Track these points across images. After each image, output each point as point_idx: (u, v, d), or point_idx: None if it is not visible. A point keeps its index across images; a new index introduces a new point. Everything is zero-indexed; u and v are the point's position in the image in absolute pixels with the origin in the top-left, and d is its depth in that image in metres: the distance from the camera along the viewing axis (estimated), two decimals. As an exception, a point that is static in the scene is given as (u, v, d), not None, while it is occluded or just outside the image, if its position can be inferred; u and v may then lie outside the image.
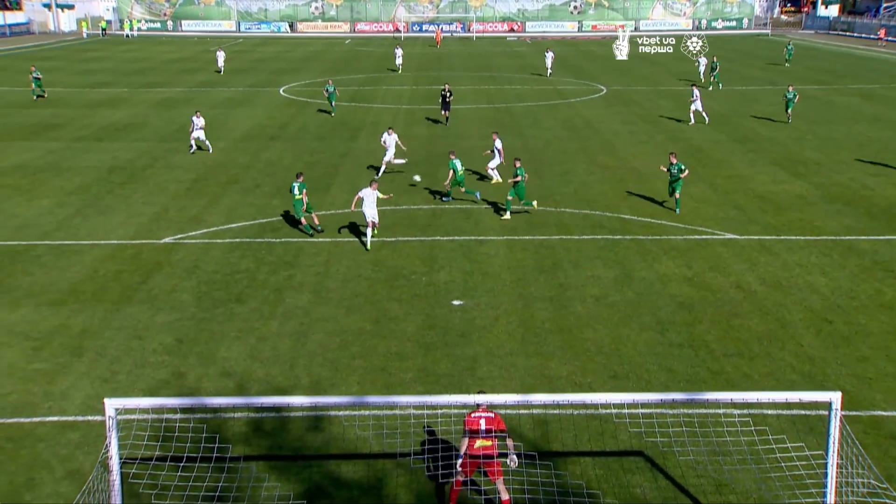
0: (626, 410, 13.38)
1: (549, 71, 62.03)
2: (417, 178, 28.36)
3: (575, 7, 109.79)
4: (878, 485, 10.79)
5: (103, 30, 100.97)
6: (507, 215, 25.11)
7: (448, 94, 39.93)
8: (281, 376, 15.59)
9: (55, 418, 13.89)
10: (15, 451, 12.94)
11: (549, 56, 62.54)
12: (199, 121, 34.29)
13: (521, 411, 13.95)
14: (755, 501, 11.81)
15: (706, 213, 25.93)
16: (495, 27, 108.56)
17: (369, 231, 22.67)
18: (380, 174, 29.63)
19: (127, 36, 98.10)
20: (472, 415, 11.23)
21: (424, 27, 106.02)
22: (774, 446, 12.00)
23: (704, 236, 23.60)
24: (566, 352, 16.48)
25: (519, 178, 24.70)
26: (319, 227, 24.02)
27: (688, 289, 19.70)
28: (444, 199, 27.08)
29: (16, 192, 28.09)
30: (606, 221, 24.94)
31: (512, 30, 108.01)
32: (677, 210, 25.32)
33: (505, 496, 11.30)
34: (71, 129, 39.58)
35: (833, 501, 10.02)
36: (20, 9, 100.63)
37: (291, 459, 12.92)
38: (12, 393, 14.71)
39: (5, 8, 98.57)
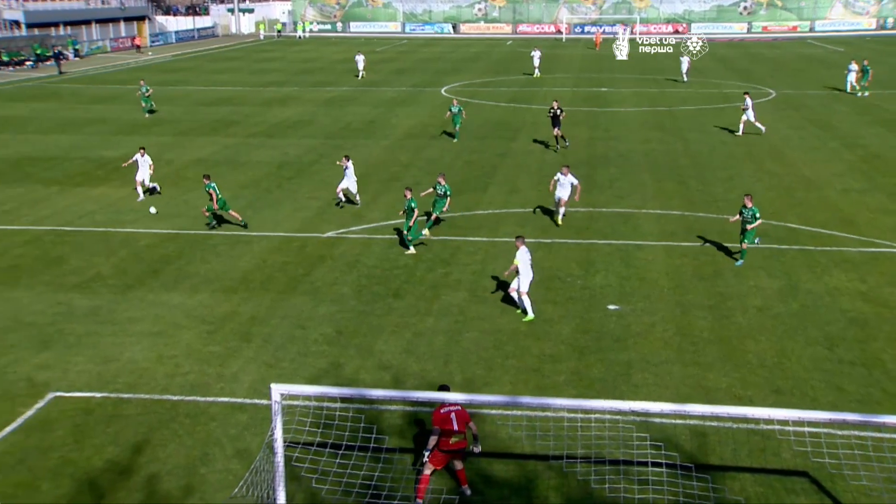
0: (790, 428, 12.72)
1: (537, 72, 60.88)
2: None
3: (745, 7, 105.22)
4: None
5: (279, 31, 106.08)
6: (428, 230, 23.64)
7: (559, 112, 34.75)
8: (435, 372, 15.84)
9: (226, 399, 14.72)
10: (192, 426, 13.82)
11: (537, 55, 61.34)
12: (145, 160, 27.87)
13: (677, 421, 13.55)
14: (933, 536, 10.95)
15: (884, 223, 24.24)
16: (659, 29, 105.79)
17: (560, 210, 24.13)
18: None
19: (299, 37, 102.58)
20: (442, 410, 11.53)
21: (586, 29, 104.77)
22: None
23: (882, 249, 22.08)
24: (725, 363, 15.86)
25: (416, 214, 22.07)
26: (243, 223, 24.75)
27: (861, 304, 18.49)
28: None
29: (196, 184, 29.90)
30: (772, 230, 23.78)
31: (677, 31, 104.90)
32: (739, 261, 21.10)
33: (460, 466, 11.89)
34: (246, 125, 41.80)
35: None
36: (207, 14, 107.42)
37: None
38: (190, 373, 15.72)
39: (195, 14, 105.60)
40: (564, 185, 24.30)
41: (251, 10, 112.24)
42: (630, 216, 25.61)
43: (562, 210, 24.61)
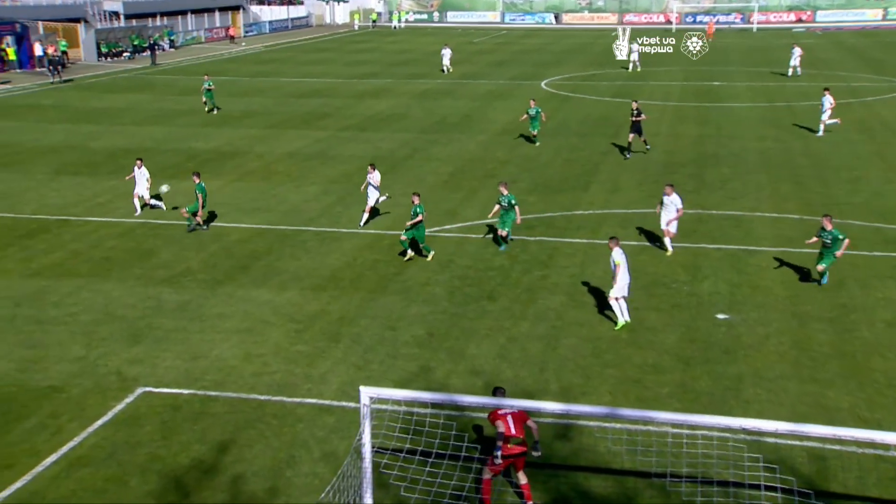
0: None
1: (447, 68, 59.26)
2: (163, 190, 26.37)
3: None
4: None
5: (373, 22, 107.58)
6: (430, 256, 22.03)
7: (636, 114, 32.85)
8: (529, 379, 15.75)
9: (314, 401, 14.98)
10: (279, 427, 14.12)
11: (447, 53, 59.88)
12: (143, 172, 26.46)
13: (793, 442, 13.08)
14: None
15: None
16: (780, 17, 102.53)
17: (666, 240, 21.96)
18: None
19: (394, 27, 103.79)
20: (499, 411, 11.74)
21: (699, 18, 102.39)
22: None
23: None
24: (848, 381, 15.23)
25: (420, 219, 21.61)
26: (204, 227, 24.59)
27: None
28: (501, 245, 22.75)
29: (287, 178, 30.63)
30: (904, 236, 22.74)
31: (800, 20, 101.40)
32: (824, 279, 19.77)
33: (524, 480, 11.90)
34: (338, 118, 42.52)
35: None
36: (302, 3, 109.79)
37: (538, 467, 12.98)
38: (277, 372, 16.07)
39: (290, 3, 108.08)
40: (669, 208, 22.09)
41: (346, 0, 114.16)
42: (742, 219, 24.90)
43: (667, 240, 22.19)
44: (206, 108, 44.18)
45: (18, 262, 22.09)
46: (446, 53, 60.33)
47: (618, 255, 17.54)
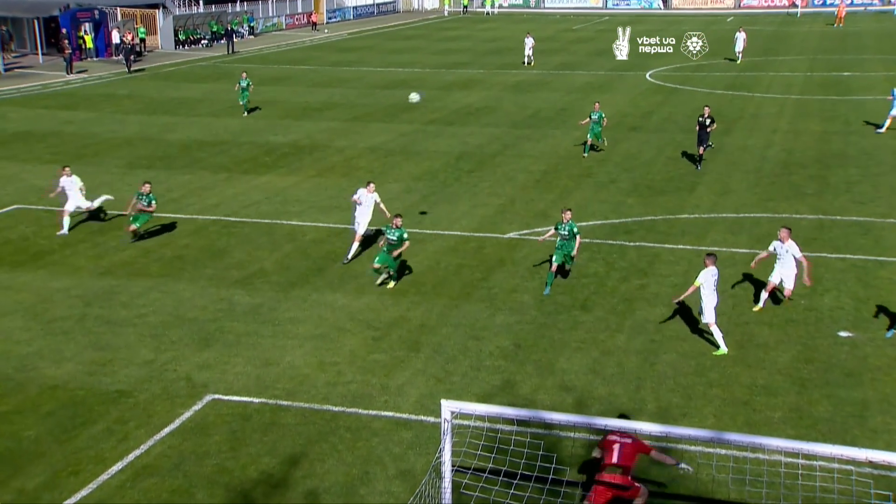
0: None
1: (529, 59, 58.02)
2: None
3: None
4: None
5: (465, 7, 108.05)
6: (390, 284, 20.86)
7: (709, 122, 30.76)
8: (625, 397, 15.57)
9: (390, 414, 15.11)
10: (353, 441, 14.30)
11: (529, 42, 58.47)
12: (70, 181, 24.90)
13: (924, 479, 12.57)
14: None
15: None
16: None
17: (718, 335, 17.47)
18: None
19: (487, 13, 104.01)
20: (610, 437, 12.01)
21: (828, 1, 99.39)
22: None
23: None
24: None
25: (406, 246, 20.54)
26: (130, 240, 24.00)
27: None
28: None
29: (368, 174, 30.96)
30: None
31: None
32: (890, 331, 17.66)
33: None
34: (424, 111, 42.84)
35: None
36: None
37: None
38: (353, 382, 16.27)
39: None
40: (785, 259, 18.78)
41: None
42: (871, 226, 24.08)
43: (787, 291, 18.76)
44: (244, 111, 42.39)
45: (89, 259, 22.95)
46: (528, 42, 58.92)
47: (706, 275, 17.02)
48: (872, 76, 49.94)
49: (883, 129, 35.46)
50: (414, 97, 25.05)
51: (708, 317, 17.16)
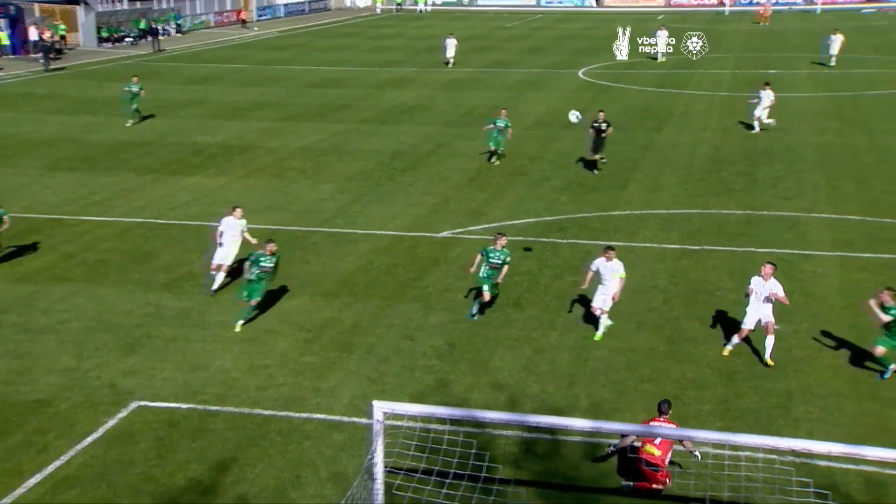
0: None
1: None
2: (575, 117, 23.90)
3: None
4: None
5: (398, 5, 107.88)
6: None
7: (605, 126, 30.07)
8: (558, 394, 15.77)
9: (322, 416, 15.09)
10: (284, 445, 14.24)
11: (451, 43, 57.39)
12: None
13: (848, 465, 12.99)
14: None
15: None
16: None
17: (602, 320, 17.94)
18: None
19: (420, 11, 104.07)
20: (653, 421, 12.77)
21: (755, 0, 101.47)
22: None
23: None
24: (911, 400, 15.10)
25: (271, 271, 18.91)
26: None
27: None
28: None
29: (301, 174, 30.86)
30: (977, 241, 22.47)
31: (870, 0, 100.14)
32: (886, 373, 16.14)
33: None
34: (357, 110, 42.76)
35: None
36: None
37: (564, 489, 13.02)
38: (284, 385, 16.20)
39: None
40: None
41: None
42: (796, 221, 24.73)
43: (770, 340, 16.68)
44: (127, 118, 39.52)
45: (6, 265, 22.43)
46: (450, 44, 57.46)
47: (596, 263, 17.82)
48: (797, 73, 51.24)
49: (757, 129, 35.75)
50: (574, 117, 22.99)
51: (599, 302, 17.68)
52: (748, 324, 16.82)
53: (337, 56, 63.37)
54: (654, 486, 12.77)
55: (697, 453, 12.99)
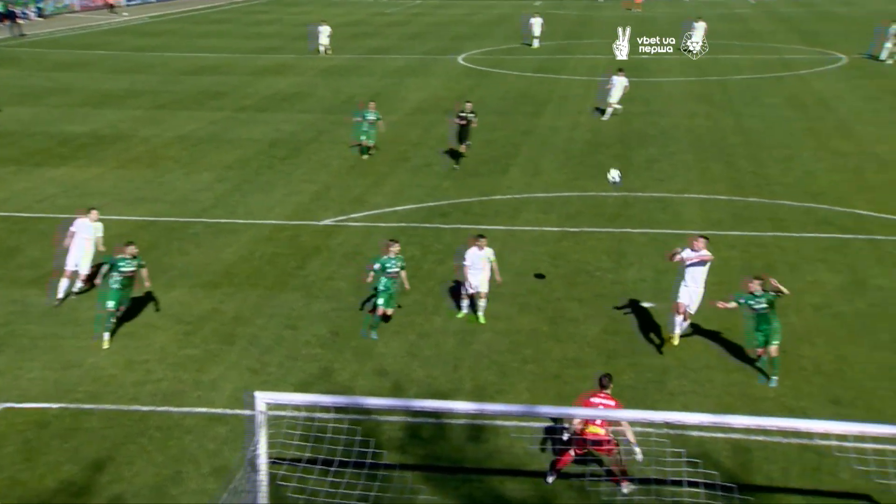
0: (850, 443, 12.63)
1: (325, 48, 54.89)
2: (615, 175, 21.80)
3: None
4: None
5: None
6: None
7: (471, 116, 29.45)
8: (442, 378, 15.90)
9: (203, 409, 14.84)
10: (164, 441, 13.94)
11: (325, 31, 55.63)
12: None
13: (718, 434, 13.55)
14: None
15: (967, 209, 24.08)
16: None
17: (482, 304, 18.19)
18: None
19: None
20: (592, 399, 12.42)
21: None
22: None
23: (963, 238, 21.93)
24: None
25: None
26: None
27: (935, 302, 18.42)
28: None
29: (176, 164, 30.14)
30: (835, 217, 23.66)
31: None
32: (772, 381, 15.51)
33: (622, 458, 12.35)
34: (234, 98, 41.97)
35: None
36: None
37: (450, 472, 13.15)
38: (163, 379, 15.85)
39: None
40: (693, 273, 16.95)
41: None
42: (670, 202, 25.54)
43: (678, 319, 16.98)
44: None
45: None
46: (323, 31, 55.95)
47: (470, 256, 17.89)
48: (669, 58, 52.72)
49: (607, 117, 36.34)
50: (614, 177, 21.14)
51: (473, 287, 17.92)
52: (683, 299, 16.72)
53: (212, 42, 61.98)
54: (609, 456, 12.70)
55: (638, 452, 12.27)
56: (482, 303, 18.07)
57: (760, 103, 39.20)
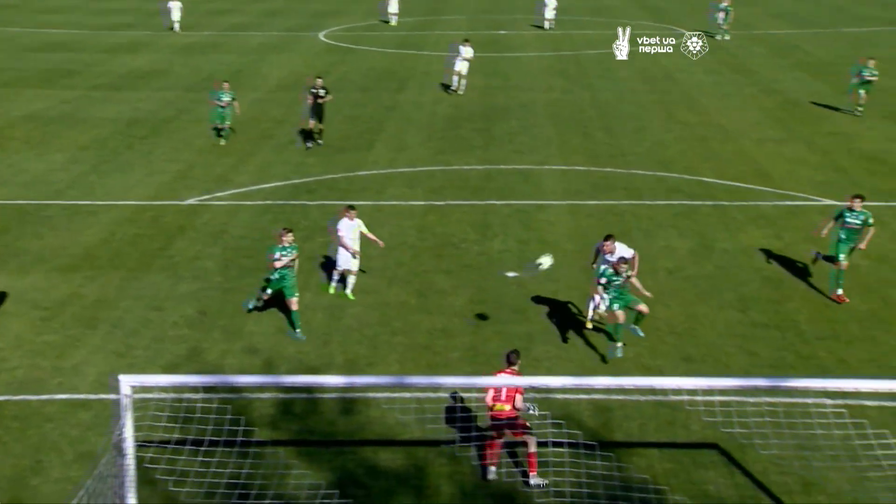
0: (700, 397, 13.23)
1: (175, 25, 51.54)
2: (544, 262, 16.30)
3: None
4: None
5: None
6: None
7: (323, 93, 28.38)
8: (313, 354, 15.78)
9: (65, 396, 14.27)
10: (21, 431, 13.33)
11: (177, 5, 53.82)
12: None
13: (581, 396, 13.94)
14: (849, 503, 11.63)
15: (801, 175, 25.41)
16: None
17: (351, 280, 17.98)
18: None
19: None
20: (500, 373, 12.33)
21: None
22: (874, 442, 11.78)
23: (799, 202, 23.15)
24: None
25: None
26: None
27: (777, 262, 19.36)
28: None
29: (25, 145, 28.73)
30: (684, 185, 24.59)
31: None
32: (618, 350, 15.37)
33: (532, 448, 12.09)
34: (87, 76, 40.25)
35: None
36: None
37: (323, 445, 13.09)
38: (19, 368, 15.14)
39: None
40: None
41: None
42: (531, 173, 25.98)
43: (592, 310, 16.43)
44: None
45: None
46: (174, 6, 53.85)
47: (343, 226, 17.67)
48: (525, 34, 53.57)
49: (456, 89, 36.31)
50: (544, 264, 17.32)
51: (344, 263, 17.71)
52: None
53: (59, 18, 59.19)
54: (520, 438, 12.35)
55: (534, 409, 12.24)
56: (351, 279, 17.97)
57: (613, 77, 40.27)
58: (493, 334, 16.36)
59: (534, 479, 12.12)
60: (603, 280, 15.45)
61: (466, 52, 36.50)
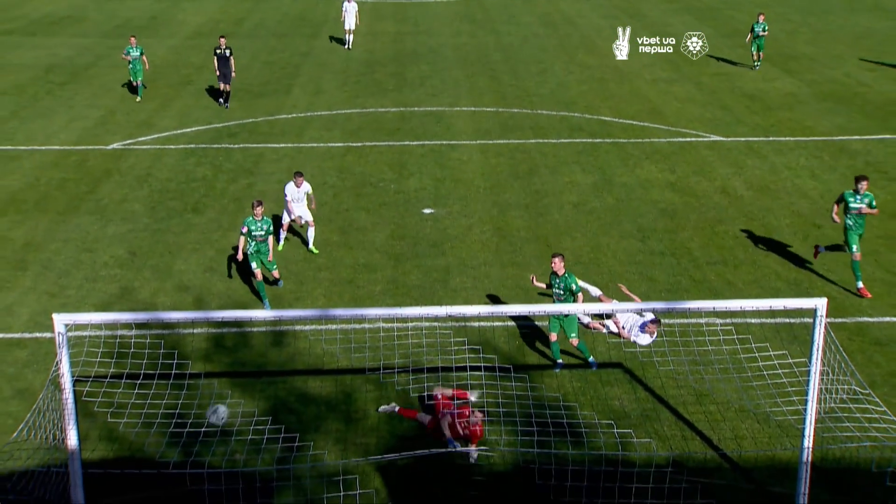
0: (606, 321, 13.59)
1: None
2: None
3: None
4: (860, 390, 11.08)
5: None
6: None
7: (228, 53, 26.06)
8: (242, 290, 15.61)
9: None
10: (-42, 371, 12.94)
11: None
12: None
13: (496, 323, 14.13)
14: (736, 410, 12.14)
15: (691, 113, 25.88)
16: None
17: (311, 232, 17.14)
18: None
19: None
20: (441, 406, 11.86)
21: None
22: (757, 355, 12.25)
23: (689, 139, 23.61)
24: (543, 261, 16.52)
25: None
26: None
27: (671, 194, 19.79)
28: None
29: (-56, 92, 27.34)
30: (585, 124, 24.82)
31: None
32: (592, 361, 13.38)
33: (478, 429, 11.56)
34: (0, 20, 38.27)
35: (815, 408, 10.28)
36: None
37: (255, 376, 13.04)
38: (-47, 310, 14.62)
39: None
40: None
41: None
42: (443, 115, 25.86)
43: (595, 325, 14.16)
44: None
45: None
46: None
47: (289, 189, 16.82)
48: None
49: (349, 44, 34.30)
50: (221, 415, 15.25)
51: (295, 216, 17.04)
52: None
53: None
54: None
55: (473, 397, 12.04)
56: (311, 232, 17.09)
57: (516, 22, 40.11)
58: (413, 268, 16.40)
59: (476, 453, 11.38)
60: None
61: (352, 7, 34.18)
